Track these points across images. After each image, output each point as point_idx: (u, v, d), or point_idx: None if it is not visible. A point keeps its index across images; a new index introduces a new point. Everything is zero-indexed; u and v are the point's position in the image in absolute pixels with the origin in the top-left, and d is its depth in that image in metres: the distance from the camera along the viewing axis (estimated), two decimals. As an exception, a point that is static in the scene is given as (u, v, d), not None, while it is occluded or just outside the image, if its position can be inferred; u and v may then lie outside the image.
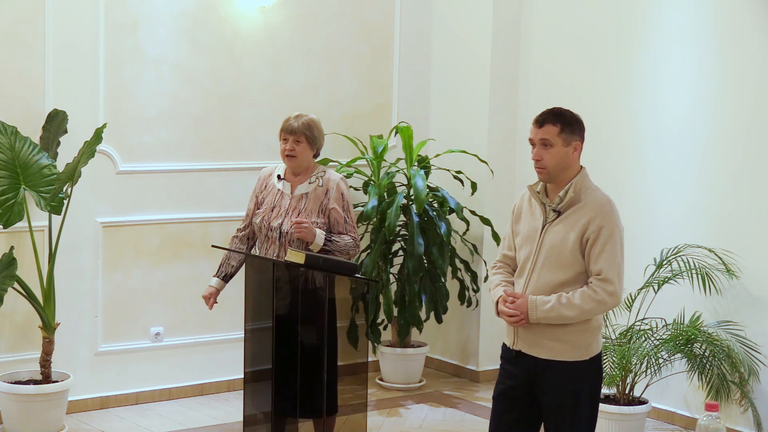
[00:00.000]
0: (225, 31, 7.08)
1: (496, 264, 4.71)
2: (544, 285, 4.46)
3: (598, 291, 4.40)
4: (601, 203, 4.46)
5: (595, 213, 4.42)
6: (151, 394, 7.00)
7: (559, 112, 4.50)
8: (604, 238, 4.40)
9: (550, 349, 4.46)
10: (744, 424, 6.33)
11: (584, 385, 4.52)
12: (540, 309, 4.41)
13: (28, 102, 6.52)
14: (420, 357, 7.55)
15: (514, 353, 4.55)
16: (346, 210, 5.62)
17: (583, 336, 4.48)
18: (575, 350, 4.47)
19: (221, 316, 7.16)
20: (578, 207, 4.45)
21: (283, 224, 5.58)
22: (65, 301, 6.59)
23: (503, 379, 4.62)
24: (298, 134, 5.61)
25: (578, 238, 4.41)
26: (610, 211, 4.45)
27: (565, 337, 4.45)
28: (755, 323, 6.34)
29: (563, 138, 4.45)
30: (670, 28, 6.74)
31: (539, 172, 4.49)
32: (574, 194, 4.45)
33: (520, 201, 4.65)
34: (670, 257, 6.46)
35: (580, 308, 4.39)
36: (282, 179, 5.68)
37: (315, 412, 5.45)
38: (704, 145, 6.58)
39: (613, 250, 4.41)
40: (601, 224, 4.41)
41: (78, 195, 6.44)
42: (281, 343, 5.43)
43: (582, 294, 4.40)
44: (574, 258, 4.42)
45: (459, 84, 7.71)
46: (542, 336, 4.47)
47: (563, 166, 4.46)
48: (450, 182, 7.48)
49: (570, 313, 4.39)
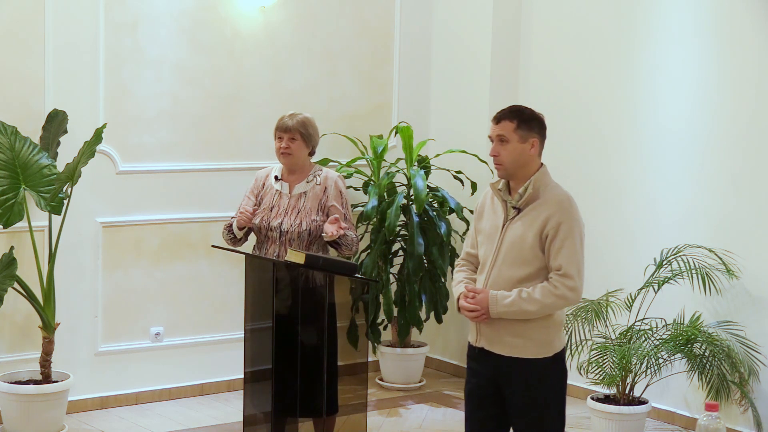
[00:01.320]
0: (225, 31, 7.08)
1: (460, 262, 4.74)
2: (504, 280, 4.49)
3: (558, 286, 4.42)
4: (559, 199, 4.49)
5: (554, 209, 4.46)
6: (151, 394, 7.00)
7: (517, 109, 4.57)
8: (563, 233, 4.43)
9: (512, 346, 4.49)
10: (744, 424, 6.33)
11: (549, 383, 4.53)
12: (500, 303, 4.43)
13: (28, 102, 6.52)
14: (420, 357, 7.55)
15: (477, 350, 4.59)
16: (345, 207, 5.66)
17: (544, 332, 4.50)
18: (537, 347, 4.49)
19: (221, 316, 7.17)
20: (537, 204, 4.49)
21: (282, 223, 5.60)
22: (65, 301, 6.59)
23: (470, 378, 4.68)
24: (293, 132, 5.65)
25: (538, 234, 4.45)
26: (569, 207, 4.49)
27: (526, 333, 4.48)
28: (755, 323, 6.34)
29: (520, 134, 4.50)
30: (670, 28, 6.74)
31: (497, 168, 4.55)
32: (533, 191, 4.49)
33: (483, 199, 4.70)
34: (670, 257, 6.46)
35: (540, 303, 4.42)
36: (279, 180, 5.70)
37: (315, 412, 5.45)
38: (704, 145, 6.58)
39: (573, 246, 4.44)
40: (560, 220, 4.44)
41: (78, 195, 6.44)
42: (281, 343, 5.43)
43: (542, 289, 4.43)
44: (533, 254, 4.46)
45: (459, 84, 7.71)
46: (503, 333, 4.50)
47: (520, 162, 4.51)
48: (450, 182, 7.48)
49: (531, 307, 4.42)
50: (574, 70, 7.27)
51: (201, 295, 7.14)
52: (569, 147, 7.20)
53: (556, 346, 4.52)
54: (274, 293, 5.44)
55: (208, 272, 7.15)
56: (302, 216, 5.60)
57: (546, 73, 7.44)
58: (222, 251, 6.28)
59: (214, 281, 7.16)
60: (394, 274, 7.49)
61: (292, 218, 5.61)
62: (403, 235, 7.39)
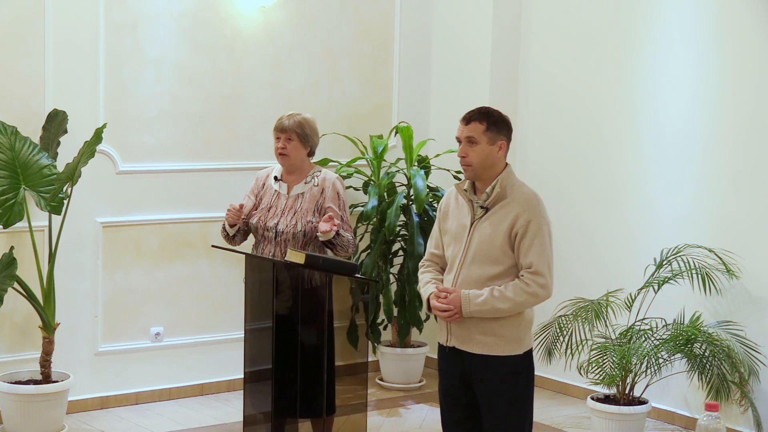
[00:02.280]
0: (225, 31, 7.08)
1: (424, 263, 4.75)
2: (474, 279, 4.51)
3: (530, 284, 4.44)
4: (527, 198, 4.53)
5: (522, 208, 4.49)
6: (151, 394, 7.00)
7: (486, 111, 4.60)
8: (532, 231, 4.46)
9: (484, 344, 4.50)
10: (744, 424, 6.33)
11: (520, 380, 4.55)
12: (473, 302, 4.45)
13: (28, 102, 6.52)
14: (420, 357, 7.55)
15: (447, 350, 4.59)
16: (342, 209, 5.65)
17: (515, 330, 4.52)
18: (508, 344, 4.51)
19: (221, 316, 7.17)
20: (505, 203, 4.51)
21: (279, 224, 5.60)
22: (65, 301, 6.59)
23: (441, 379, 4.68)
24: (289, 132, 5.65)
25: (507, 232, 4.47)
26: (537, 205, 4.52)
27: (497, 331, 4.50)
28: (755, 323, 6.34)
29: (488, 136, 4.54)
30: (670, 28, 6.74)
31: (465, 169, 4.59)
32: (501, 190, 4.52)
33: (446, 200, 4.72)
34: (670, 257, 6.46)
35: (512, 300, 4.44)
36: (279, 180, 5.71)
37: (314, 412, 5.45)
38: (704, 145, 6.58)
39: (542, 244, 4.47)
40: (529, 218, 4.47)
41: (78, 195, 6.44)
42: (281, 343, 5.43)
43: (514, 287, 4.45)
44: (503, 252, 4.48)
45: (459, 84, 7.71)
46: (474, 331, 4.51)
47: (488, 164, 4.55)
48: (450, 182, 7.46)
49: (503, 305, 4.44)
50: (574, 70, 7.27)
51: (201, 295, 7.14)
52: (569, 147, 7.20)
53: (526, 344, 4.56)
54: (274, 293, 5.44)
55: (208, 272, 7.15)
56: (298, 217, 5.60)
57: (546, 73, 7.44)
58: (222, 251, 6.29)
59: (214, 281, 7.16)
60: (394, 274, 7.50)
61: (288, 219, 5.61)
62: (403, 235, 7.39)
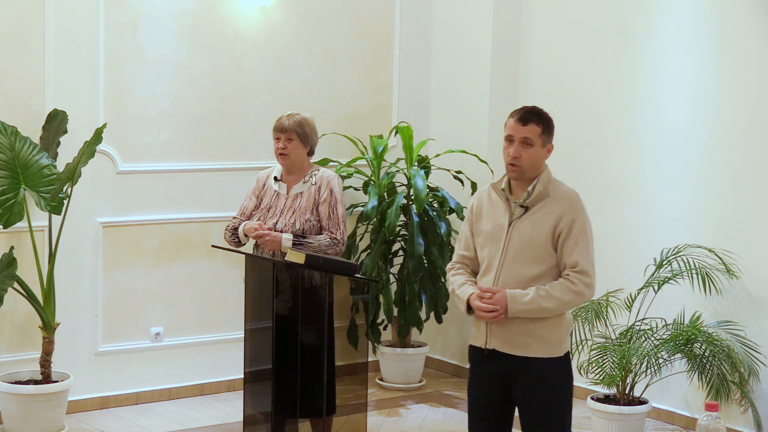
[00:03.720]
0: (225, 31, 7.08)
1: (454, 265, 4.65)
2: (515, 279, 4.44)
3: (576, 282, 4.39)
4: (569, 197, 4.48)
5: (566, 207, 4.44)
6: (151, 394, 7.00)
7: (541, 113, 4.51)
8: (577, 230, 4.42)
9: (525, 346, 4.45)
10: (744, 424, 6.33)
11: (560, 381, 4.51)
12: (519, 302, 4.38)
13: (28, 102, 6.52)
14: (420, 357, 7.55)
15: (486, 353, 4.51)
16: (333, 206, 5.63)
17: (557, 332, 4.48)
18: (549, 346, 4.46)
19: (221, 316, 7.17)
20: (546, 202, 4.46)
21: (277, 224, 5.61)
22: (65, 301, 6.59)
23: (475, 383, 4.60)
24: (290, 132, 5.65)
25: (550, 232, 4.42)
26: (579, 203, 4.48)
27: (539, 332, 4.45)
28: (755, 323, 6.34)
29: (543, 139, 4.47)
30: (670, 28, 6.74)
31: (513, 169, 4.46)
32: (543, 189, 4.47)
33: (478, 200, 4.63)
34: (670, 257, 6.46)
35: (559, 300, 4.39)
36: (278, 181, 5.72)
37: (313, 412, 5.46)
38: (704, 144, 6.58)
39: (586, 243, 4.43)
40: (573, 217, 4.43)
41: (78, 195, 6.44)
42: (281, 343, 5.43)
43: (561, 285, 4.40)
44: (545, 252, 4.43)
45: (459, 84, 7.71)
46: (517, 333, 4.45)
47: (536, 165, 4.48)
48: (450, 182, 7.48)
49: (549, 305, 4.38)
50: (574, 70, 7.27)
51: (201, 295, 7.14)
52: (569, 147, 7.20)
53: (566, 346, 4.52)
54: (274, 293, 5.44)
55: (208, 272, 7.15)
56: (296, 216, 5.62)
57: (546, 73, 7.44)
58: (222, 251, 6.29)
59: (214, 281, 7.16)
60: (394, 274, 7.49)
61: (287, 218, 5.62)
62: (403, 235, 7.39)
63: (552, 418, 4.49)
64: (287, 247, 5.44)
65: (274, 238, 5.52)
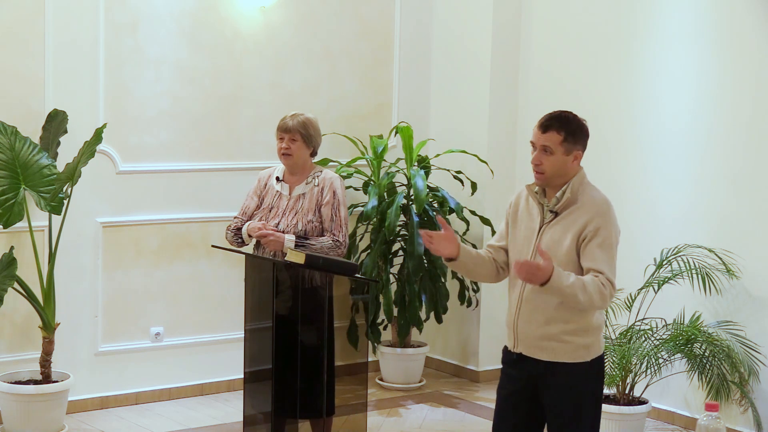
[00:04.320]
0: (225, 31, 7.08)
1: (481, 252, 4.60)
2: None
3: (606, 287, 4.28)
4: (598, 204, 4.38)
5: (593, 214, 4.35)
6: (151, 394, 7.00)
7: (566, 119, 4.39)
8: (601, 239, 4.31)
9: (551, 351, 4.40)
10: (744, 424, 6.33)
11: (587, 387, 4.45)
12: (563, 278, 4.22)
13: (28, 102, 6.52)
14: (420, 357, 7.55)
15: (515, 356, 4.48)
16: (336, 208, 5.62)
17: (582, 337, 4.41)
18: (575, 351, 4.40)
19: (221, 316, 7.17)
20: (575, 208, 4.38)
21: (279, 224, 5.60)
22: (65, 301, 6.59)
23: (505, 384, 4.56)
24: (293, 132, 5.64)
25: (575, 238, 4.34)
26: (607, 211, 4.37)
27: (564, 338, 4.39)
28: (755, 323, 6.34)
29: (565, 147, 4.36)
30: (670, 28, 6.74)
31: (537, 176, 4.41)
32: (571, 195, 4.38)
33: (517, 199, 4.57)
34: (670, 257, 6.46)
35: (590, 296, 4.25)
36: (281, 181, 5.71)
37: (313, 413, 5.45)
38: (704, 145, 6.58)
39: (611, 253, 4.33)
40: (599, 225, 4.32)
41: (78, 195, 6.44)
42: (281, 343, 5.43)
43: (595, 285, 4.26)
44: (569, 259, 4.34)
45: (459, 84, 7.71)
46: (542, 338, 4.41)
47: (561, 173, 4.39)
48: (450, 182, 7.48)
49: (582, 297, 4.25)
50: (574, 70, 7.27)
51: (201, 295, 7.14)
52: (569, 147, 7.20)
53: (594, 351, 4.42)
54: (274, 293, 5.44)
55: (208, 272, 7.15)
56: (299, 217, 5.60)
57: (546, 73, 7.44)
58: (222, 251, 6.28)
59: (214, 281, 7.16)
60: (394, 274, 7.49)
61: (289, 219, 5.61)
62: (403, 235, 7.39)
63: (578, 424, 4.43)
64: (289, 248, 5.44)
65: (277, 239, 5.52)
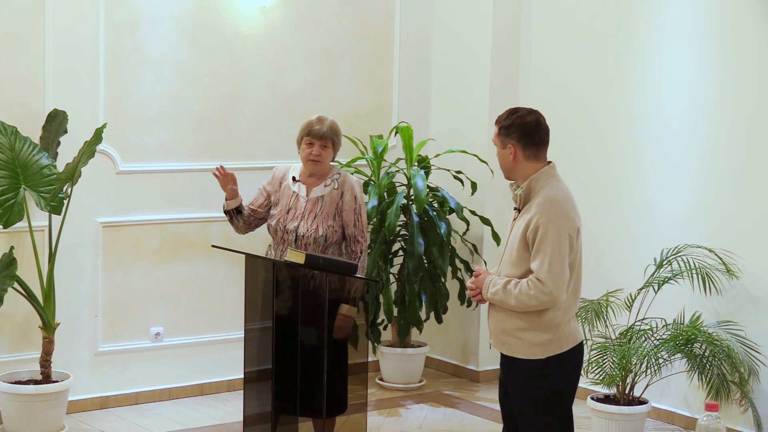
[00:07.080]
0: (225, 31, 7.08)
1: None
2: None
3: (532, 287, 4.36)
4: (542, 202, 4.41)
5: (534, 212, 4.40)
6: (151, 394, 7.00)
7: (502, 116, 4.58)
8: (540, 237, 4.37)
9: (508, 346, 4.49)
10: (744, 424, 6.33)
11: (544, 385, 4.45)
12: (490, 290, 4.47)
13: (28, 102, 6.52)
14: (420, 357, 7.55)
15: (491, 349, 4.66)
16: (358, 213, 5.59)
17: (536, 335, 4.43)
18: (529, 348, 4.44)
19: (221, 316, 7.17)
20: (529, 206, 4.46)
21: (299, 227, 5.54)
22: (65, 301, 6.59)
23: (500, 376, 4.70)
24: (326, 140, 5.57)
25: (523, 236, 4.42)
26: (549, 209, 4.38)
27: (519, 335, 4.46)
28: (755, 323, 6.34)
29: (501, 141, 4.53)
30: (670, 28, 6.74)
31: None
32: (525, 192, 4.47)
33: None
34: (670, 257, 6.46)
35: (517, 299, 4.39)
36: (297, 181, 5.65)
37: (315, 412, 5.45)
38: (704, 144, 6.59)
39: (546, 250, 4.35)
40: (538, 223, 4.37)
41: (78, 195, 6.44)
42: (281, 343, 5.43)
43: (522, 287, 4.38)
44: (519, 256, 4.43)
45: (459, 84, 7.71)
46: (501, 333, 4.51)
47: (506, 167, 4.53)
48: (450, 182, 7.48)
49: (510, 301, 4.41)
50: (574, 70, 7.27)
51: (201, 295, 7.14)
52: (569, 147, 7.20)
53: (551, 349, 4.43)
54: (274, 293, 5.44)
55: (208, 272, 7.15)
56: (318, 221, 5.55)
57: (546, 73, 7.44)
58: (222, 251, 6.28)
59: (214, 281, 7.16)
60: (394, 274, 7.49)
61: (309, 222, 5.55)
62: (403, 235, 7.39)
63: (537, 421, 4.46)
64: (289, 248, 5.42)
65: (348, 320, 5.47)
